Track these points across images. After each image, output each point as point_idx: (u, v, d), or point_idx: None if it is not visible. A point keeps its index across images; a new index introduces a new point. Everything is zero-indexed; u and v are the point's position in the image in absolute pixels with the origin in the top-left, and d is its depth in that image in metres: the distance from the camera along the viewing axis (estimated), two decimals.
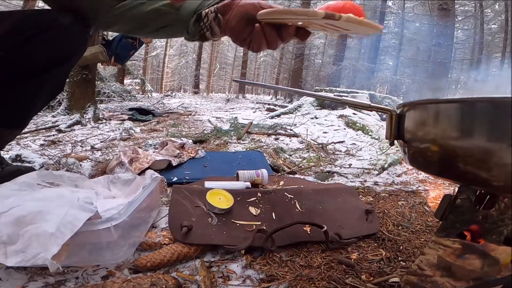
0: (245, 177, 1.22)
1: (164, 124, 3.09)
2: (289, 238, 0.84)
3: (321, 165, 1.69)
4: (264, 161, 1.55)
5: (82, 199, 0.72)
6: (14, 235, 0.60)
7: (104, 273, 0.69)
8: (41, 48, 0.88)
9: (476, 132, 0.45)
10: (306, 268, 0.75)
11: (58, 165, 1.38)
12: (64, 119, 2.82)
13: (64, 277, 0.67)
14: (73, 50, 0.96)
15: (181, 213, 0.89)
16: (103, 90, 5.49)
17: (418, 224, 0.99)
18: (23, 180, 0.86)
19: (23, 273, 0.67)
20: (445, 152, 0.50)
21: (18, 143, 1.89)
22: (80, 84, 3.10)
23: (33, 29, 0.86)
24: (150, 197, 0.87)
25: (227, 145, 2.09)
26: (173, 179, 1.29)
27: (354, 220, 0.96)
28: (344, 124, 3.15)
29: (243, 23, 0.83)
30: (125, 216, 0.69)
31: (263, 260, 0.78)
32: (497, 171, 0.43)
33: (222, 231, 0.85)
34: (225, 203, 0.93)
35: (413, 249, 0.84)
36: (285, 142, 2.30)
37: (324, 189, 1.11)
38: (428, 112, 0.52)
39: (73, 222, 0.62)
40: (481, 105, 0.45)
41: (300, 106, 4.10)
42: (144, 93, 7.83)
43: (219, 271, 0.73)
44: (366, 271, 0.74)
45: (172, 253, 0.74)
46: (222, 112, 4.66)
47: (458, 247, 0.53)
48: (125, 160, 1.29)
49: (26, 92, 0.91)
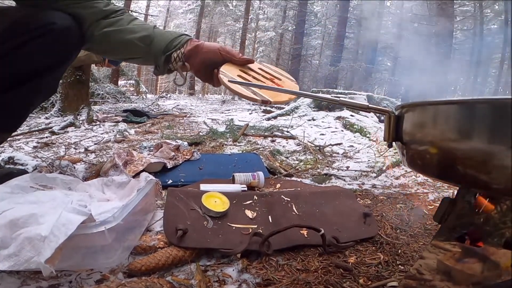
0: (241, 180, 1.21)
1: (159, 126, 3.08)
2: (286, 242, 0.83)
3: (318, 167, 1.68)
4: (260, 163, 1.54)
5: (75, 202, 0.71)
6: (6, 238, 0.59)
7: (98, 277, 0.68)
8: (38, 51, 0.87)
9: (476, 134, 0.44)
10: (303, 272, 0.74)
11: (51, 168, 1.36)
12: (58, 121, 2.80)
13: (57, 281, 0.66)
14: (68, 53, 0.96)
15: (176, 216, 0.88)
16: (97, 92, 5.47)
17: (417, 227, 0.99)
18: (16, 183, 0.85)
19: (16, 277, 0.66)
20: (444, 154, 0.49)
21: (11, 145, 1.87)
22: (74, 85, 3.08)
23: (30, 32, 0.85)
24: (145, 200, 0.86)
25: (223, 147, 2.08)
26: (168, 181, 1.28)
27: (351, 223, 0.95)
28: (341, 126, 3.16)
29: (205, 67, 1.02)
30: (119, 220, 0.68)
31: (259, 264, 0.77)
32: (497, 173, 0.43)
33: (217, 235, 0.84)
34: (221, 206, 0.92)
35: (411, 253, 0.83)
36: (282, 144, 2.29)
37: (321, 192, 1.11)
38: (427, 114, 0.52)
39: (66, 226, 0.61)
40: (481, 107, 0.44)
41: (297, 108, 4.10)
42: (139, 95, 7.82)
43: (215, 275, 0.72)
44: (364, 275, 0.73)
45: (167, 256, 0.73)
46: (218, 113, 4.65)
47: (458, 251, 0.52)
48: (120, 163, 1.28)
49: (20, 95, 0.90)
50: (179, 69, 1.03)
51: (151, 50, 1.00)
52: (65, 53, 0.94)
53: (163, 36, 1.01)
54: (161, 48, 1.00)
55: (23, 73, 0.87)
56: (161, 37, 1.00)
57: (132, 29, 0.99)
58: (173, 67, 1.02)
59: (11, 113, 0.93)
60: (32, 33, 0.85)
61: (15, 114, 0.95)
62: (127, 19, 1.00)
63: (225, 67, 0.99)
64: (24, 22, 0.86)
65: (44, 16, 0.88)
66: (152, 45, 0.99)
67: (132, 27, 0.99)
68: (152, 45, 0.99)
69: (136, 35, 0.98)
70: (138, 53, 1.01)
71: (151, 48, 1.00)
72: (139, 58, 1.04)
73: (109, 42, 1.00)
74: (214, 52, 1.00)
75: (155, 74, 1.07)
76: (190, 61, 1.01)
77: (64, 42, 0.91)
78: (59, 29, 0.88)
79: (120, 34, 0.98)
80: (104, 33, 0.97)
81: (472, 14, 12.27)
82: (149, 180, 0.98)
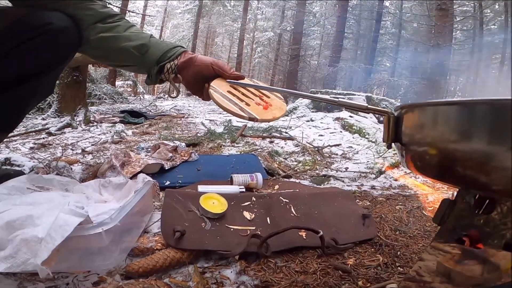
0: (239, 181, 1.21)
1: (157, 126, 3.07)
2: (284, 244, 0.83)
3: (317, 168, 1.68)
4: (258, 164, 1.54)
5: (72, 204, 0.71)
6: (3, 240, 0.59)
7: (95, 279, 0.67)
8: (35, 52, 0.86)
9: (476, 135, 0.44)
10: (302, 274, 0.74)
11: (48, 169, 1.35)
12: (55, 122, 2.78)
13: (54, 283, 0.66)
14: (66, 54, 0.95)
15: (173, 218, 0.87)
16: (94, 92, 5.45)
17: (416, 229, 0.99)
18: (12, 184, 0.85)
19: (12, 279, 0.66)
20: (443, 155, 0.49)
21: (7, 146, 1.86)
22: (71, 86, 3.06)
23: (27, 32, 0.84)
24: (142, 201, 0.85)
25: (220, 148, 2.07)
26: (165, 183, 1.27)
27: (350, 225, 0.95)
28: (340, 127, 3.16)
29: (197, 80, 1.04)
30: (116, 221, 0.68)
31: (257, 266, 0.76)
32: (497, 174, 0.43)
33: (215, 236, 0.84)
34: (219, 208, 0.92)
35: (411, 255, 0.83)
36: (280, 145, 2.29)
37: (320, 193, 1.11)
38: (426, 115, 0.52)
39: (63, 227, 0.60)
40: (481, 107, 0.44)
41: (295, 109, 4.10)
42: (136, 95, 7.80)
43: (213, 277, 0.71)
44: (363, 277, 0.73)
45: (164, 258, 0.73)
46: (215, 114, 4.64)
47: (457, 253, 0.52)
48: (117, 164, 1.27)
49: (16, 96, 0.90)
50: (171, 80, 1.04)
51: (145, 59, 1.01)
52: (63, 54, 0.94)
53: (158, 46, 1.02)
54: (155, 58, 1.01)
55: (20, 74, 0.87)
56: (156, 47, 1.01)
57: (129, 37, 0.99)
58: (165, 78, 1.04)
59: (7, 113, 0.92)
60: (29, 33, 0.84)
61: (12, 115, 0.94)
62: (124, 26, 1.01)
63: (215, 82, 1.01)
64: (21, 22, 0.85)
65: (41, 16, 0.87)
66: (146, 54, 1.00)
67: (128, 35, 0.99)
68: (146, 55, 1.00)
69: (132, 43, 0.99)
70: (133, 61, 1.02)
71: (145, 57, 1.00)
72: (133, 66, 1.05)
73: (104, 48, 1.00)
74: (206, 66, 1.02)
75: (147, 83, 1.09)
76: (182, 73, 1.03)
77: (61, 42, 0.90)
78: (56, 30, 0.87)
79: (116, 41, 0.98)
80: (99, 38, 0.97)
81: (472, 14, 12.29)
82: (146, 182, 0.97)
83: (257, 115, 0.94)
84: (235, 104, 0.95)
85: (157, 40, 1.04)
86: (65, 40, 0.91)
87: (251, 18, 20.70)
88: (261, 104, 0.99)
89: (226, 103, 0.95)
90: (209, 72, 1.02)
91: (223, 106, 0.94)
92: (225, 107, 0.94)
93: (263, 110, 0.97)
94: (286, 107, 1.06)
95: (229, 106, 0.94)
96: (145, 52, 1.00)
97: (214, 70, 1.02)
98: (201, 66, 1.02)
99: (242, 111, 0.94)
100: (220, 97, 0.96)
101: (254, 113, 0.94)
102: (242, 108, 0.95)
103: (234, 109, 0.94)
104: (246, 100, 0.99)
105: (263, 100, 1.01)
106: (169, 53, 1.02)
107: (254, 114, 0.94)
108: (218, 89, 0.99)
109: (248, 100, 0.99)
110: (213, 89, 0.98)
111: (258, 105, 0.99)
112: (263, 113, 0.96)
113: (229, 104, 0.95)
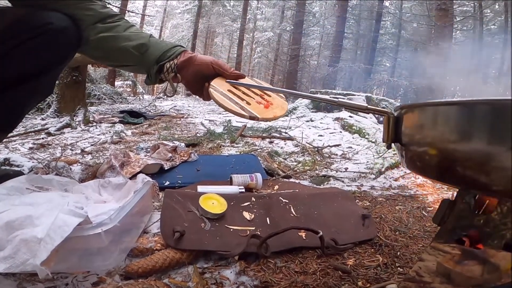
0: (239, 181, 1.21)
1: (156, 127, 3.06)
2: (284, 244, 0.83)
3: (316, 169, 1.68)
4: (258, 164, 1.54)
5: (72, 204, 0.70)
6: (2, 240, 0.59)
7: (94, 280, 0.67)
8: (35, 52, 0.86)
9: (476, 135, 0.44)
10: (301, 275, 0.74)
11: (47, 169, 1.35)
12: (54, 122, 2.77)
13: (53, 284, 0.65)
14: (65, 54, 0.95)
15: (173, 218, 0.87)
16: (93, 92, 5.44)
17: (416, 229, 0.99)
18: (12, 184, 0.84)
19: (11, 279, 0.65)
20: (443, 155, 0.49)
21: (7, 147, 1.86)
22: (70, 86, 3.05)
23: (27, 32, 0.84)
24: (142, 201, 0.85)
25: (220, 148, 2.07)
26: (165, 183, 1.27)
27: (350, 225, 0.95)
28: (340, 127, 3.15)
29: (197, 80, 1.04)
30: (116, 221, 0.68)
31: (257, 266, 0.76)
32: (497, 175, 0.43)
33: (215, 237, 0.84)
34: (219, 208, 0.92)
35: (411, 255, 0.83)
36: (280, 145, 2.28)
37: (320, 194, 1.10)
38: (426, 115, 0.52)
39: (62, 228, 0.60)
40: (481, 108, 0.44)
41: (295, 109, 4.10)
42: (136, 95, 7.79)
43: (212, 278, 0.71)
44: (363, 277, 0.73)
45: (164, 259, 0.73)
46: (215, 114, 4.63)
47: (457, 253, 0.52)
48: (116, 164, 1.27)
49: (16, 96, 0.90)
50: (170, 80, 1.04)
51: (144, 59, 1.00)
52: (62, 54, 0.93)
53: (158, 46, 1.02)
54: (154, 57, 1.00)
55: (20, 74, 0.87)
56: (155, 47, 1.01)
57: (128, 37, 0.99)
58: (165, 77, 1.03)
59: (6, 114, 0.92)
60: (29, 33, 0.84)
61: (11, 115, 0.94)
62: (124, 26, 1.01)
63: (216, 81, 1.01)
64: (21, 22, 0.85)
65: (41, 16, 0.87)
66: (146, 54, 1.00)
67: (128, 35, 0.99)
68: (146, 54, 1.00)
69: (131, 43, 0.98)
70: (132, 61, 1.02)
71: (145, 56, 1.00)
72: (132, 66, 1.05)
73: (104, 48, 1.00)
74: (206, 65, 1.02)
75: (146, 83, 1.09)
76: (182, 72, 1.03)
77: (61, 42, 0.90)
78: (56, 30, 0.87)
79: (116, 41, 0.98)
80: (99, 38, 0.97)
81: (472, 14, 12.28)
82: (146, 182, 0.97)
83: (258, 114, 0.94)
84: (235, 103, 0.95)
85: (156, 40, 1.04)
86: (64, 40, 0.91)
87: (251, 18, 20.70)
88: (262, 103, 0.99)
89: (226, 102, 0.94)
90: (209, 71, 1.02)
91: (224, 105, 0.94)
92: (226, 106, 0.93)
93: (264, 109, 0.97)
94: (288, 106, 1.05)
95: (229, 105, 0.94)
96: (144, 52, 1.00)
97: (214, 69, 1.02)
98: (201, 65, 1.02)
99: (243, 110, 0.93)
100: (220, 96, 0.96)
101: (255, 112, 0.94)
102: (242, 107, 0.94)
103: (234, 108, 0.93)
104: (247, 99, 0.98)
105: (264, 99, 1.01)
106: (169, 53, 1.01)
107: (255, 113, 0.94)
108: (219, 88, 0.98)
109: (248, 99, 0.99)
110: (213, 88, 0.98)
111: (259, 104, 0.98)
112: (264, 112, 0.96)
113: (230, 103, 0.94)
